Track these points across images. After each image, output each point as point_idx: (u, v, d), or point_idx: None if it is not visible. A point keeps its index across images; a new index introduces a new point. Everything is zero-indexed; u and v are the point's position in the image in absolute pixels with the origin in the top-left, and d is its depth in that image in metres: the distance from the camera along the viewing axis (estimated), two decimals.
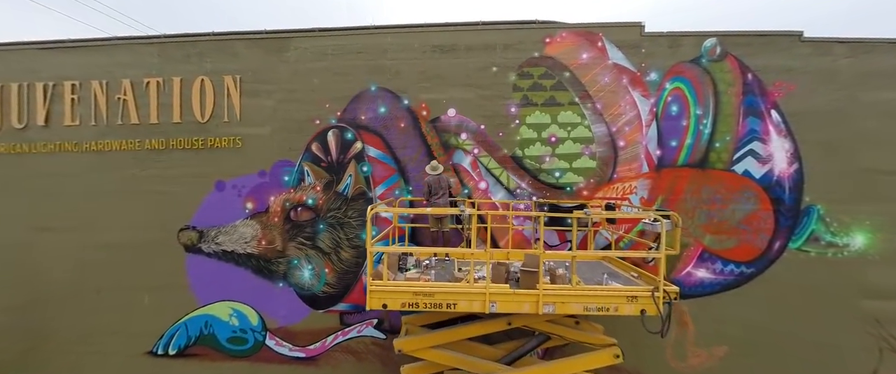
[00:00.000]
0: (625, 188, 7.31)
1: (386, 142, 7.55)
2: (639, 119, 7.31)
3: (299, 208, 7.67)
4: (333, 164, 7.62)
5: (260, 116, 7.74)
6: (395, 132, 7.53)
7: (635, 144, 7.31)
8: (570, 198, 7.33)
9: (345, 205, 7.61)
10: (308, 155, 7.66)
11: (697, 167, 7.26)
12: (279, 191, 7.70)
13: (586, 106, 7.33)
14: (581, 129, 7.34)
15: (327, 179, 7.63)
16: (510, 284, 5.38)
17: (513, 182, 7.41)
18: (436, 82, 7.49)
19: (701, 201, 7.24)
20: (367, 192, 7.58)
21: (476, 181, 7.45)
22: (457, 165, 7.48)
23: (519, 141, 7.40)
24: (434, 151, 7.47)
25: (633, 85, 7.31)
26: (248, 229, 7.77)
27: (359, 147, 7.57)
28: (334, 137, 7.61)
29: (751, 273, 7.23)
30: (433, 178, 6.60)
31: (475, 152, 7.44)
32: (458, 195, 7.39)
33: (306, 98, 7.66)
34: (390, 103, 7.55)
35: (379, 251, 5.65)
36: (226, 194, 7.78)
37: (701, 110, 7.27)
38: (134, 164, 7.94)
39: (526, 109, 7.39)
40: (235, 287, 7.80)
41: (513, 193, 7.41)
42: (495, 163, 7.43)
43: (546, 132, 7.37)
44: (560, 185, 7.36)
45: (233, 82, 7.76)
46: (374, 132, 7.56)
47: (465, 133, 7.45)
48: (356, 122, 7.58)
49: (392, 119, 7.53)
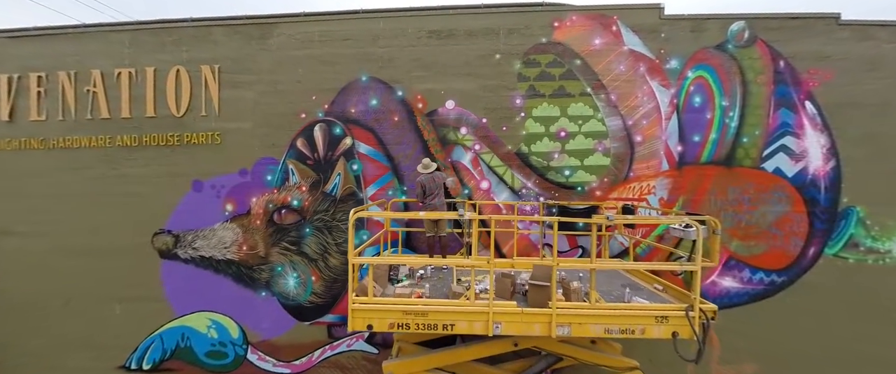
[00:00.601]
0: (642, 188, 6.46)
1: (378, 137, 6.73)
2: (658, 112, 6.46)
3: (283, 211, 6.86)
4: (320, 161, 6.80)
5: (240, 109, 6.93)
6: (387, 127, 6.71)
7: (654, 139, 6.46)
8: (582, 199, 6.49)
9: (333, 207, 6.79)
10: (293, 152, 6.84)
11: (723, 165, 6.41)
12: (261, 191, 6.88)
13: (599, 97, 6.49)
14: (593, 122, 6.50)
15: (314, 178, 6.81)
16: (516, 298, 4.55)
17: (518, 181, 6.57)
18: (433, 71, 6.66)
19: (727, 202, 6.39)
20: (357, 192, 6.76)
21: (477, 180, 6.62)
22: (456, 162, 6.64)
23: (524, 136, 6.56)
24: (431, 148, 6.64)
25: (652, 74, 6.46)
26: (228, 234, 6.96)
27: (348, 143, 6.75)
28: (321, 132, 6.79)
29: (782, 282, 6.38)
30: (426, 177, 5.75)
31: (476, 149, 6.61)
32: (458, 196, 6.56)
33: (291, 90, 6.84)
34: (383, 95, 6.72)
35: (363, 262, 4.80)
36: (204, 195, 6.97)
37: (727, 102, 6.41)
38: (104, 162, 7.14)
39: (532, 101, 6.55)
40: (214, 297, 6.99)
41: (518, 193, 6.57)
42: (498, 160, 6.59)
43: (555, 126, 6.53)
44: (570, 184, 6.52)
45: (211, 73, 6.95)
46: (364, 127, 6.74)
47: (465, 127, 6.62)
48: (345, 115, 6.76)
49: (385, 112, 6.71)
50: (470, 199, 6.58)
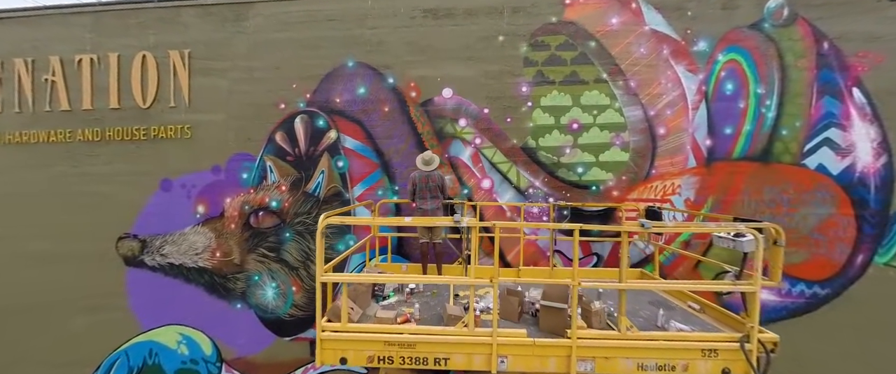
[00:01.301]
0: (665, 187, 5.54)
1: (366, 130, 5.82)
2: (684, 100, 5.53)
3: (261, 213, 5.97)
4: (302, 158, 5.91)
5: (213, 99, 6.05)
6: (377, 118, 5.80)
7: (679, 131, 5.53)
8: (597, 200, 5.57)
9: (316, 208, 5.90)
10: (271, 147, 5.95)
11: (758, 161, 5.48)
12: (236, 191, 6.00)
13: (617, 84, 5.56)
14: (610, 113, 5.57)
15: (294, 176, 5.92)
16: (524, 321, 3.66)
17: (524, 180, 5.65)
18: (428, 56, 5.76)
19: (762, 203, 5.46)
20: (342, 192, 5.86)
21: (478, 179, 5.71)
22: (454, 158, 5.74)
23: (532, 129, 5.64)
24: (426, 142, 5.74)
25: (677, 57, 5.53)
26: (200, 238, 6.07)
27: (333, 137, 5.85)
28: (303, 124, 5.89)
29: (825, 295, 5.45)
30: (422, 174, 4.85)
31: (477, 143, 5.70)
32: (456, 197, 5.65)
33: (269, 77, 5.95)
34: (371, 82, 5.82)
35: (335, 280, 3.90)
36: (173, 196, 6.10)
37: (763, 89, 5.48)
38: (65, 159, 6.27)
39: (541, 89, 5.63)
40: (185, 309, 6.11)
41: (524, 193, 5.66)
42: (502, 156, 5.68)
43: (566, 117, 5.61)
44: (583, 183, 5.60)
45: (180, 59, 6.07)
46: (351, 119, 5.84)
47: (464, 119, 5.71)
48: (329, 106, 5.86)
49: (373, 102, 5.80)
50: (470, 200, 5.67)
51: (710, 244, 5.49)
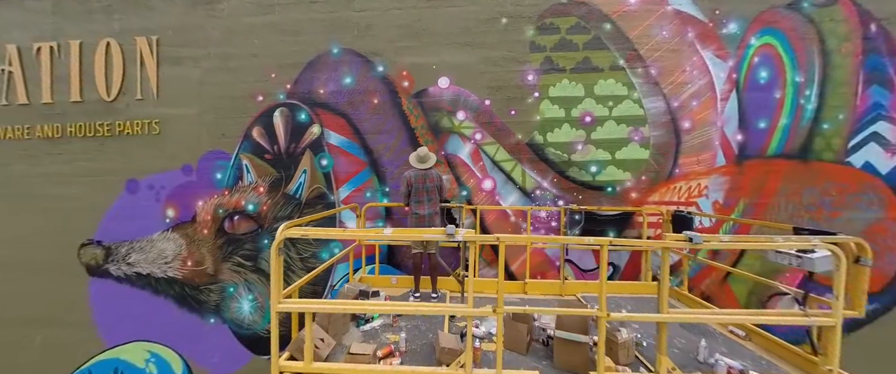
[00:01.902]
0: (691, 189, 4.79)
1: (353, 125, 5.10)
2: (711, 90, 4.79)
3: (236, 217, 5.25)
4: (282, 156, 5.19)
5: (183, 91, 5.34)
6: (365, 112, 5.08)
7: (707, 125, 4.79)
8: (613, 203, 4.83)
9: (297, 212, 5.18)
10: (248, 144, 5.23)
11: (796, 158, 4.74)
12: (209, 193, 5.28)
13: (636, 72, 4.82)
14: (628, 104, 4.83)
15: (274, 176, 5.20)
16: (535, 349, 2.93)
17: (530, 180, 4.92)
18: (422, 41, 5.03)
19: (801, 206, 4.71)
20: (327, 194, 5.13)
21: (478, 179, 4.97)
22: (451, 156, 5.00)
23: (539, 122, 4.91)
24: (420, 138, 5.01)
25: (704, 41, 4.79)
26: (169, 245, 5.36)
27: (316, 132, 5.13)
28: (283, 119, 5.17)
29: (874, 310, 4.69)
30: (417, 173, 4.13)
31: (477, 139, 4.96)
32: (454, 200, 4.93)
33: (245, 66, 5.24)
34: (359, 71, 5.09)
35: (292, 309, 3.15)
36: (140, 198, 5.39)
37: (802, 77, 4.73)
38: (22, 158, 5.57)
39: (550, 77, 4.89)
40: (154, 323, 5.40)
41: (530, 195, 4.92)
42: (505, 153, 4.94)
43: (578, 109, 4.87)
44: (597, 184, 4.86)
45: (148, 46, 5.36)
46: (336, 112, 5.12)
47: (462, 112, 4.97)
48: (312, 98, 5.14)
49: (361, 93, 5.08)
50: (469, 203, 4.94)
51: (742, 252, 4.75)
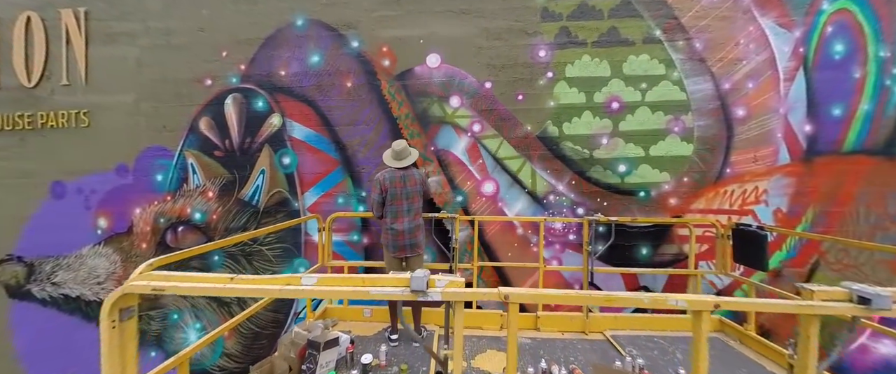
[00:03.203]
0: (746, 193, 3.64)
1: (321, 115, 3.98)
2: (773, 68, 3.64)
3: (181, 228, 4.14)
4: (235, 153, 4.07)
5: (118, 75, 4.23)
6: (337, 98, 3.95)
7: (766, 112, 3.64)
8: (648, 211, 3.68)
9: (254, 222, 4.05)
10: (194, 139, 4.12)
11: (881, 155, 3.58)
12: (149, 198, 4.17)
13: (676, 45, 3.68)
14: (666, 87, 3.69)
15: (225, 178, 4.08)
16: None
17: (542, 182, 3.77)
18: (406, 10, 3.90)
19: (887, 216, 3.57)
20: (289, 200, 4.01)
21: (477, 181, 3.83)
22: (443, 153, 3.87)
23: (553, 110, 3.76)
24: (404, 130, 3.88)
25: (763, 6, 3.64)
26: (102, 262, 4.26)
27: (276, 124, 4.01)
28: (236, 107, 4.06)
29: None
30: (393, 175, 3.00)
31: (475, 131, 3.83)
32: (446, 208, 3.79)
33: (191, 43, 4.12)
34: (329, 48, 3.97)
35: None
36: (67, 204, 4.29)
37: (888, 51, 3.57)
38: None
39: (566, 53, 3.75)
40: (85, 355, 4.29)
41: (542, 201, 3.77)
42: (511, 149, 3.80)
43: (602, 93, 3.73)
44: (627, 187, 3.71)
45: (75, 21, 4.25)
46: (301, 98, 3.99)
47: (457, 97, 3.84)
48: (272, 81, 4.02)
49: (332, 75, 3.95)
50: (465, 212, 3.80)
51: (812, 272, 3.61)
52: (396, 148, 3.01)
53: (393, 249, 2.94)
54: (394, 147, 3.02)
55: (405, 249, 2.92)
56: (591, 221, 3.26)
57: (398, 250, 2.94)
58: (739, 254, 3.10)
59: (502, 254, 3.80)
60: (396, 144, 3.03)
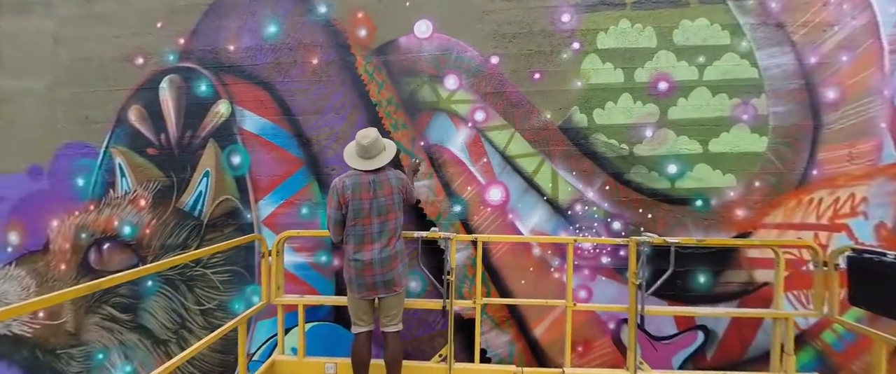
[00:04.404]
0: (838, 203, 2.64)
1: (280, 101, 3.00)
2: (875, 36, 2.64)
3: (107, 245, 3.18)
4: (172, 150, 3.10)
5: (30, 54, 3.28)
6: (299, 79, 2.98)
7: (866, 95, 2.64)
8: (708, 225, 2.69)
9: (196, 238, 3.09)
10: (123, 133, 3.16)
11: None
12: (68, 208, 3.22)
13: (744, 6, 2.69)
14: (731, 61, 2.69)
15: (161, 182, 3.11)
16: None
17: (565, 187, 2.79)
18: None
19: None
20: (240, 210, 3.03)
21: (480, 186, 2.85)
22: (435, 149, 2.88)
23: (581, 92, 2.77)
24: (386, 119, 2.90)
25: None
26: (13, 287, 3.33)
27: (224, 113, 3.05)
28: (173, 92, 3.09)
29: None
30: (356, 180, 2.07)
31: (478, 120, 2.84)
32: (438, 223, 2.81)
33: (118, 14, 3.18)
34: (289, 15, 3.00)
35: None
36: None
37: None
38: None
39: (598, 17, 2.77)
40: None
41: (566, 213, 2.78)
42: (524, 143, 2.81)
43: (646, 70, 2.74)
44: (678, 194, 2.72)
45: None
46: (254, 80, 3.02)
47: (454, 76, 2.85)
48: (218, 58, 3.05)
49: (293, 49, 2.98)
50: (465, 227, 2.82)
51: None
52: (363, 141, 2.04)
53: (357, 288, 1.98)
54: (359, 140, 2.05)
55: (375, 288, 1.96)
56: (641, 243, 2.27)
57: (365, 289, 1.97)
58: (861, 294, 2.10)
59: (514, 280, 2.82)
60: (363, 135, 2.06)
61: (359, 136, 2.07)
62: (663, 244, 2.24)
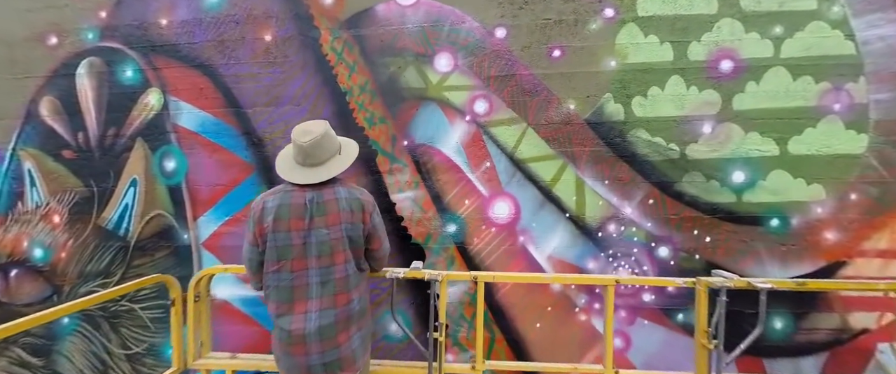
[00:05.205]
0: None
1: (224, 89, 2.28)
2: None
3: (14, 272, 2.47)
4: (92, 153, 2.39)
5: None
6: (249, 60, 2.26)
7: None
8: (784, 256, 1.95)
9: (122, 264, 2.38)
10: (33, 131, 2.45)
11: None
12: None
13: None
14: (818, 32, 1.95)
15: (78, 192, 2.40)
16: None
17: (595, 201, 2.05)
18: None
19: None
20: (176, 229, 2.32)
21: (481, 199, 2.12)
22: (424, 150, 2.16)
23: (615, 74, 2.04)
24: (358, 111, 2.17)
25: None
26: None
27: (155, 105, 2.33)
28: (94, 79, 2.38)
29: None
30: (284, 200, 1.33)
31: (478, 112, 2.11)
32: (427, 248, 2.09)
33: None
34: None
35: None
36: None
37: None
38: None
39: None
40: None
41: (596, 235, 2.05)
42: (541, 142, 2.08)
43: (703, 45, 2.00)
44: (746, 211, 1.98)
45: None
46: (192, 63, 2.30)
47: (448, 55, 2.12)
48: (148, 36, 2.33)
49: (241, 23, 2.26)
50: (460, 254, 2.10)
51: None
52: (302, 140, 1.33)
53: (286, 368, 1.26)
54: (297, 138, 1.35)
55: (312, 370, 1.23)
56: (717, 287, 1.54)
57: (297, 371, 1.25)
58: None
59: (526, 323, 2.11)
60: (303, 131, 1.36)
61: (296, 132, 1.37)
62: (748, 288, 1.51)
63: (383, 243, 1.46)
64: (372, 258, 1.46)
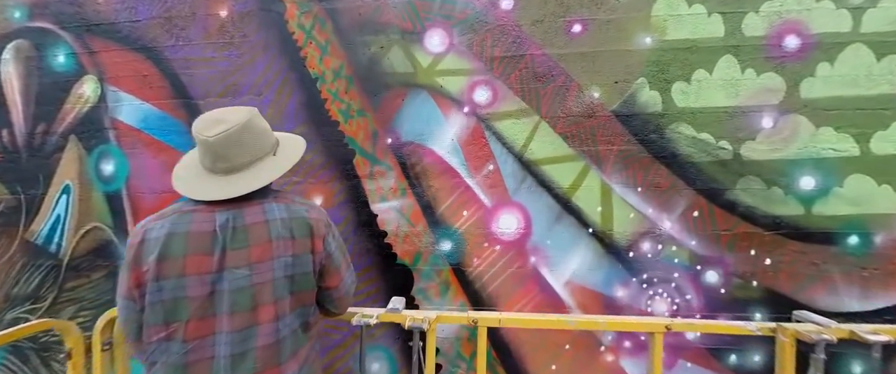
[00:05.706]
0: None
1: (171, 76, 1.85)
2: None
3: None
4: (18, 154, 1.97)
5: None
6: (200, 41, 1.83)
7: None
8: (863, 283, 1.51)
9: (53, 286, 1.96)
10: None
11: None
12: None
13: None
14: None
15: (3, 201, 1.99)
16: None
17: (625, 212, 1.62)
18: None
19: None
20: (115, 245, 1.90)
21: (484, 209, 1.68)
22: (411, 149, 1.72)
23: (650, 54, 1.61)
24: (332, 102, 1.74)
25: None
26: None
27: (89, 96, 1.91)
28: (20, 66, 1.96)
29: None
30: (179, 224, 0.88)
31: (478, 103, 1.67)
32: (416, 269, 1.66)
33: None
34: None
35: None
36: None
37: None
38: None
39: None
40: None
41: (627, 255, 1.61)
42: (557, 139, 1.65)
43: (761, 17, 1.55)
44: (817, 226, 1.54)
45: None
46: (133, 45, 1.87)
47: (441, 32, 1.69)
48: (83, 14, 1.91)
49: (189, 1, 1.84)
50: (457, 278, 1.67)
51: None
52: (207, 133, 0.91)
53: None
54: (200, 132, 0.92)
55: None
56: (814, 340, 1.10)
57: None
58: None
59: (539, 365, 1.68)
60: (211, 121, 0.94)
61: (200, 123, 0.94)
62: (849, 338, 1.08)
63: (345, 276, 1.03)
64: (329, 301, 1.03)
